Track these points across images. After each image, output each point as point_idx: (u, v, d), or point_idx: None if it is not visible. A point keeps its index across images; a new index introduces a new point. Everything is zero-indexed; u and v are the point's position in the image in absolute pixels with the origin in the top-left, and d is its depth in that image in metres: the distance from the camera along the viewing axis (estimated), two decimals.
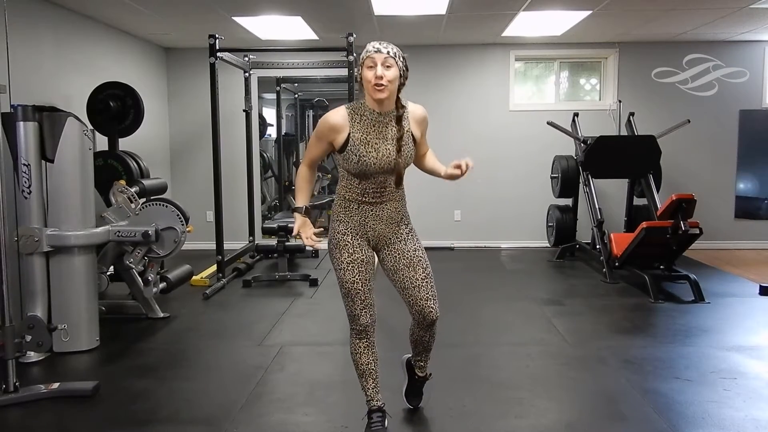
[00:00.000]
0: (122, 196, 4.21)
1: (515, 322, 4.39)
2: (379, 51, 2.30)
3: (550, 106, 7.32)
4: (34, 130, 3.62)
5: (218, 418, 2.82)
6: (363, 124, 2.39)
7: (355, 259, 2.45)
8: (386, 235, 2.50)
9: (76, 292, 3.76)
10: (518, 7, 5.33)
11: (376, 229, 2.48)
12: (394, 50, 2.33)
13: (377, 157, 2.37)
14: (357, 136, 2.38)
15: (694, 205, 4.98)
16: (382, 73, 2.29)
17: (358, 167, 2.38)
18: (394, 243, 2.51)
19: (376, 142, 2.38)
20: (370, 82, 2.31)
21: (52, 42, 4.94)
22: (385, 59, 2.29)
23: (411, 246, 2.52)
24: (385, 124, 2.41)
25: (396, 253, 2.51)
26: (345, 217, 2.48)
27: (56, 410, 2.93)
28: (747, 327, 4.24)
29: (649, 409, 2.90)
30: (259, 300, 5.04)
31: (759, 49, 7.03)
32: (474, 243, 7.32)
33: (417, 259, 2.50)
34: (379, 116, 2.40)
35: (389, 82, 2.30)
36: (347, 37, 5.20)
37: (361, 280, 2.46)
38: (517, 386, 3.19)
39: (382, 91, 2.31)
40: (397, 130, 2.40)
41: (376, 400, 2.56)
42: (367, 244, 2.50)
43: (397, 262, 2.51)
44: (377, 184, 2.43)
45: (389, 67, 2.30)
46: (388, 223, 2.49)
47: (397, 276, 2.52)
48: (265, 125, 9.10)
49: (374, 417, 2.54)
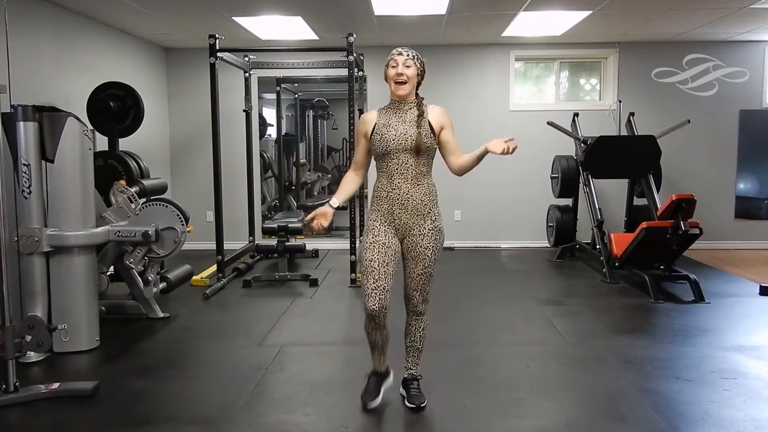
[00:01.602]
0: (122, 196, 4.21)
1: (515, 322, 4.39)
2: (400, 54, 2.76)
3: (550, 106, 7.32)
4: (34, 130, 3.62)
5: (218, 418, 2.82)
6: (387, 113, 2.81)
7: (377, 241, 2.74)
8: (410, 226, 2.77)
9: (76, 292, 3.76)
10: (518, 7, 5.33)
11: (402, 218, 2.76)
12: (413, 53, 2.77)
13: (396, 134, 2.73)
14: (381, 122, 2.79)
15: (694, 205, 4.98)
16: (403, 71, 2.73)
17: (381, 144, 2.74)
18: (414, 234, 2.77)
19: (396, 124, 2.76)
20: (393, 77, 2.75)
21: (52, 42, 4.94)
22: (405, 60, 2.74)
23: (425, 242, 2.77)
24: (405, 111, 2.79)
25: (411, 243, 2.78)
26: (376, 206, 2.80)
27: (56, 410, 2.93)
28: (747, 327, 4.24)
29: (649, 409, 2.91)
30: (259, 300, 5.04)
31: (759, 49, 7.03)
32: (474, 243, 7.32)
33: (423, 257, 2.77)
34: (400, 104, 2.80)
35: (409, 78, 2.74)
36: (347, 37, 5.19)
37: (379, 260, 2.71)
38: (517, 386, 3.19)
39: (402, 85, 2.74)
40: (417, 114, 2.76)
41: (377, 367, 2.94)
42: (394, 232, 2.78)
43: (408, 252, 2.80)
44: (400, 164, 2.73)
45: (408, 67, 2.75)
46: (413, 214, 2.75)
47: (404, 263, 2.83)
48: (265, 125, 9.10)
49: (371, 379, 2.95)
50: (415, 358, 2.96)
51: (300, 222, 5.91)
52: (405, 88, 2.74)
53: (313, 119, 10.60)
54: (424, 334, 2.93)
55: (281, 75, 7.85)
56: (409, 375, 2.97)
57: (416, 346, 2.94)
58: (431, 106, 2.83)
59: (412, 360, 2.96)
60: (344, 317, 4.64)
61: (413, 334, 2.92)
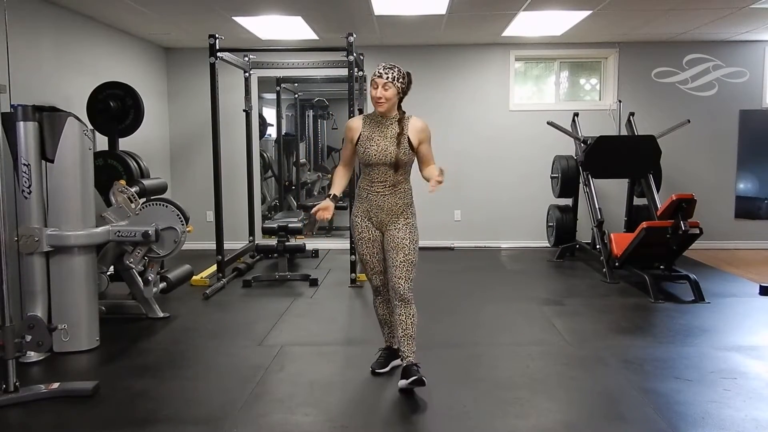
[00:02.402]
0: (122, 196, 4.21)
1: (515, 322, 4.39)
2: (381, 76, 3.00)
3: (550, 106, 7.32)
4: (34, 130, 3.62)
5: (218, 418, 2.82)
6: (371, 126, 3.11)
7: (363, 237, 3.18)
8: (386, 223, 3.13)
9: (76, 292, 3.76)
10: (518, 7, 5.33)
11: (379, 216, 3.13)
12: (393, 75, 3.00)
13: (377, 150, 3.05)
14: (365, 134, 3.10)
15: (694, 205, 4.98)
16: (381, 94, 3.00)
17: (364, 157, 3.08)
18: (391, 230, 3.11)
19: (378, 139, 3.07)
20: (373, 98, 3.03)
21: (52, 42, 4.94)
22: (384, 83, 2.99)
23: (401, 234, 3.09)
24: (387, 126, 3.08)
25: (389, 237, 3.11)
26: (358, 202, 3.19)
27: (56, 410, 2.93)
28: (747, 327, 4.24)
29: (649, 409, 2.90)
30: (259, 300, 5.04)
31: (759, 49, 7.03)
32: (474, 243, 7.32)
33: (402, 246, 3.08)
34: (382, 119, 3.09)
35: (387, 100, 3.02)
36: (347, 37, 5.19)
37: (369, 253, 3.19)
38: (517, 386, 3.19)
39: (381, 105, 3.03)
40: (397, 131, 3.06)
41: (387, 341, 3.39)
42: (373, 226, 3.15)
43: (387, 244, 3.12)
44: (380, 174, 3.07)
45: (387, 89, 3.00)
46: (388, 214, 3.11)
47: (386, 255, 3.13)
48: (265, 125, 9.09)
49: (381, 353, 3.39)
50: (410, 346, 3.08)
51: (301, 222, 5.91)
52: (383, 106, 3.02)
53: (313, 119, 10.59)
54: (414, 320, 3.10)
55: (281, 75, 7.85)
56: (408, 362, 3.06)
57: (409, 333, 3.08)
58: (413, 119, 3.11)
59: (408, 348, 3.08)
60: (344, 317, 4.64)
61: (404, 322, 3.08)
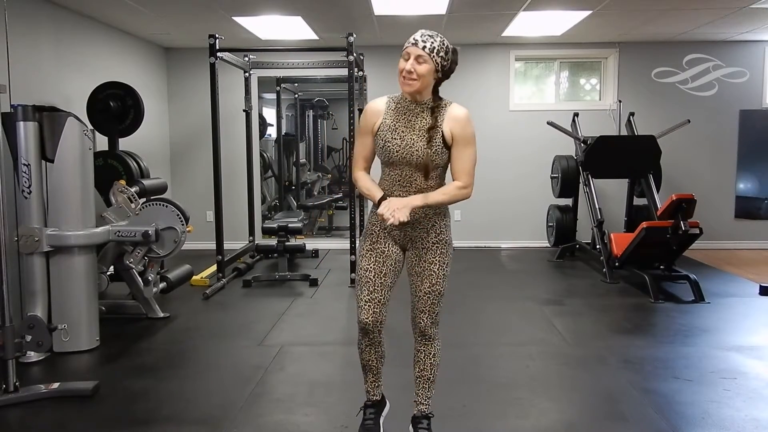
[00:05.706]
0: (122, 196, 4.21)
1: (515, 322, 4.39)
2: (415, 44, 2.24)
3: (550, 106, 7.32)
4: (34, 130, 3.62)
5: (218, 418, 2.82)
6: (396, 112, 2.36)
7: (375, 249, 2.40)
8: (412, 237, 2.41)
9: (76, 292, 3.76)
10: (518, 7, 5.33)
11: (402, 230, 2.39)
12: (432, 45, 2.23)
13: (401, 145, 2.31)
14: (387, 122, 2.35)
15: (694, 205, 4.98)
16: (413, 67, 2.23)
17: (382, 153, 2.35)
18: (417, 247, 2.42)
19: (402, 131, 2.32)
20: (401, 73, 2.26)
21: (52, 42, 4.94)
22: (419, 55, 2.22)
23: (430, 257, 2.40)
24: (416, 114, 2.33)
25: (414, 256, 2.43)
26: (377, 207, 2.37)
27: (56, 410, 2.93)
28: (747, 327, 4.24)
29: (649, 409, 2.90)
30: (259, 300, 5.04)
31: (759, 49, 7.03)
32: (474, 243, 7.32)
33: (428, 273, 2.40)
34: (411, 105, 2.34)
35: (419, 77, 2.23)
36: (347, 37, 5.19)
37: (375, 269, 2.37)
38: (517, 386, 3.19)
39: (410, 84, 2.26)
40: (430, 123, 2.31)
41: (372, 394, 2.61)
42: (392, 239, 2.42)
43: (412, 267, 2.44)
44: (403, 177, 2.34)
45: (421, 63, 2.23)
46: (414, 228, 2.38)
47: (410, 279, 2.47)
48: (265, 125, 9.09)
49: (367, 413, 2.61)
50: (425, 391, 2.53)
51: (301, 222, 5.90)
52: (413, 86, 2.25)
53: (313, 119, 10.58)
54: (435, 361, 2.51)
55: (281, 75, 7.85)
56: (419, 412, 2.54)
57: (426, 376, 2.51)
58: (453, 107, 2.35)
59: (422, 393, 2.53)
60: (344, 317, 4.64)
61: (422, 362, 2.51)
